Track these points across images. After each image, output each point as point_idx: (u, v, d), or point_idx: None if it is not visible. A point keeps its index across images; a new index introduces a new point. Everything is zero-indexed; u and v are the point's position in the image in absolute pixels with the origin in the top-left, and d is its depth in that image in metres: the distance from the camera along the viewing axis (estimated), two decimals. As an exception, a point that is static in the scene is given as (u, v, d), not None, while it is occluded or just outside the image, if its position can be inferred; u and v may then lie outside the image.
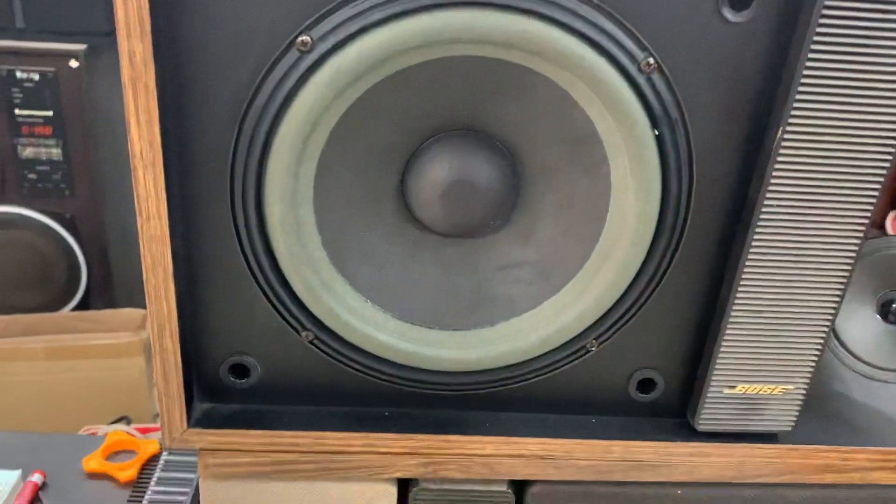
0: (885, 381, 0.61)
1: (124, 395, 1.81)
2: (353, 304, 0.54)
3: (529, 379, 0.58)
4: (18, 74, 1.71)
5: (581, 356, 0.57)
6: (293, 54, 0.46)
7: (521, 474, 0.59)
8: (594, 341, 0.57)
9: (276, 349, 0.56)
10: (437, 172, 0.52)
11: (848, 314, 0.60)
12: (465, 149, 0.52)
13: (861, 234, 0.52)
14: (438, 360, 0.56)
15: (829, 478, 0.61)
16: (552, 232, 0.54)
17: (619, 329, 0.56)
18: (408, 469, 0.58)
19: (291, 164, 0.48)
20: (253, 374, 0.57)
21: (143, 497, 1.02)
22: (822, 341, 0.56)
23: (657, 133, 0.49)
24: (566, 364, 0.58)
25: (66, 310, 1.90)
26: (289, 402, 0.58)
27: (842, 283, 0.54)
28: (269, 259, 0.52)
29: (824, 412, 0.64)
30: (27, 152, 1.79)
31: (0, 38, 1.65)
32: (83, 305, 1.91)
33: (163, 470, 1.08)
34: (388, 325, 0.55)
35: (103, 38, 1.74)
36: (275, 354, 0.56)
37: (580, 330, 0.56)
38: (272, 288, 0.53)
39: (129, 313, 1.90)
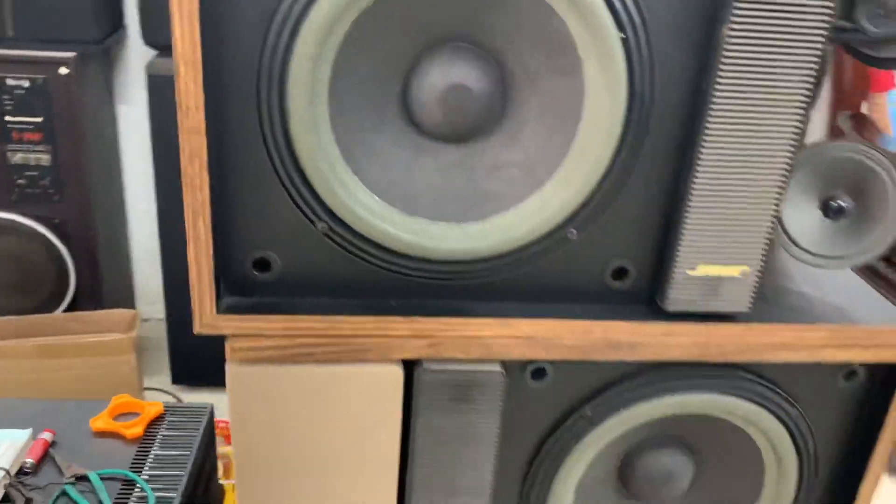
0: (827, 268, 0.70)
1: (116, 392, 1.85)
2: (363, 199, 0.61)
3: (520, 266, 0.66)
4: (9, 82, 1.75)
5: (563, 244, 0.65)
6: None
7: (514, 354, 0.67)
8: (574, 230, 0.65)
9: (294, 244, 0.63)
10: (435, 78, 0.60)
11: (795, 212, 0.69)
12: (458, 58, 0.60)
13: (799, 122, 0.61)
14: (438, 249, 0.63)
15: (783, 355, 0.69)
16: (536, 134, 0.63)
17: (595, 218, 0.64)
18: (413, 350, 0.65)
19: (310, 66, 0.56)
20: (274, 268, 0.64)
21: (149, 452, 1.08)
22: (770, 225, 0.65)
23: (623, 36, 0.58)
24: (551, 252, 0.65)
25: (57, 312, 1.93)
26: (306, 295, 0.65)
27: (784, 172, 0.63)
28: (289, 155, 0.59)
29: (777, 298, 0.72)
30: (17, 158, 1.82)
31: (-8, 46, 1.69)
32: (72, 308, 1.94)
33: (167, 428, 1.13)
34: (394, 217, 0.62)
35: (93, 46, 1.80)
36: (294, 249, 0.63)
37: (562, 219, 0.64)
38: (292, 182, 0.60)
39: (119, 314, 1.94)
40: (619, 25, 0.58)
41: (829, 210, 0.69)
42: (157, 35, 1.67)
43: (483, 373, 0.67)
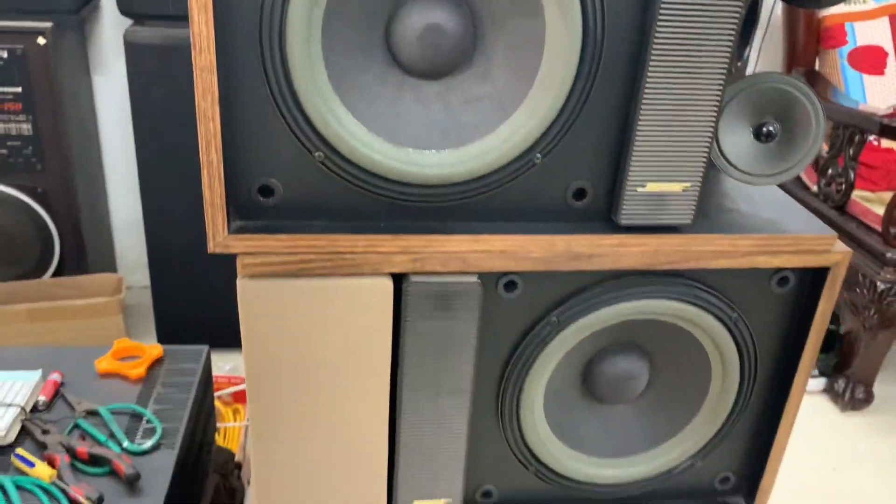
0: (759, 185, 0.80)
1: (105, 351, 1.90)
2: (354, 130, 0.70)
3: (492, 189, 0.75)
4: (-12, 52, 1.77)
5: (529, 168, 0.75)
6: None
7: (488, 267, 0.76)
8: (539, 155, 0.74)
9: (295, 172, 0.72)
10: (413, 20, 0.69)
11: (731, 137, 0.79)
12: (433, 3, 0.69)
13: (728, 55, 0.71)
14: (420, 175, 0.73)
15: (722, 262, 0.80)
16: (504, 69, 0.72)
17: (557, 144, 0.74)
18: (400, 265, 0.75)
19: (306, 11, 0.65)
20: (277, 193, 0.73)
21: (153, 390, 1.16)
22: (707, 147, 0.75)
23: (577, -18, 0.67)
24: (519, 176, 0.75)
25: (44, 279, 1.97)
26: (306, 218, 0.74)
27: (717, 100, 0.73)
28: (289, 92, 0.68)
29: (717, 215, 0.83)
30: (-2, 128, 1.85)
31: (-32, 18, 1.72)
32: (57, 274, 1.99)
33: (167, 368, 1.22)
34: (380, 146, 0.71)
35: (70, 17, 1.84)
36: (294, 177, 0.72)
37: (528, 146, 0.73)
38: (292, 116, 0.69)
39: (105, 278, 2.00)
40: (574, -28, 0.67)
41: (760, 135, 0.79)
42: (132, 4, 1.72)
43: (462, 284, 0.76)
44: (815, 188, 2.21)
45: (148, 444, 1.04)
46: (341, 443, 0.83)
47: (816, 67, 2.32)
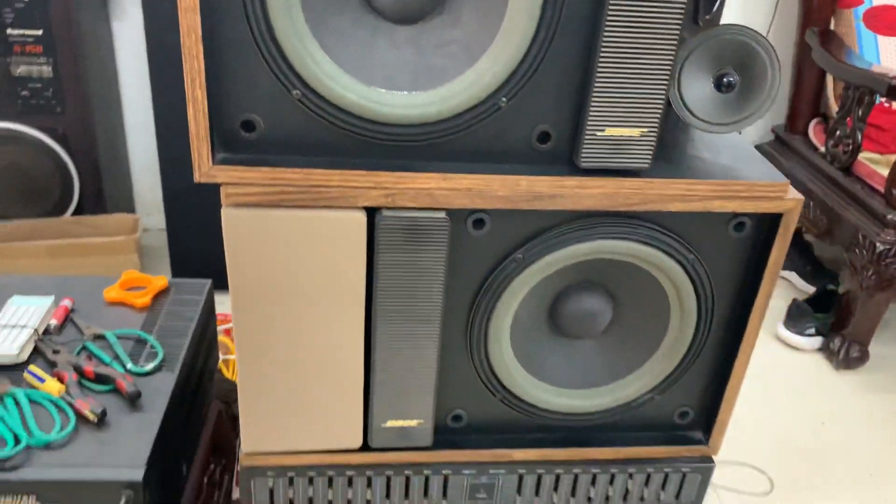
0: (719, 133, 0.84)
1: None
2: (329, 70, 0.75)
3: (460, 130, 0.80)
4: (9, -5, 1.82)
5: (495, 111, 0.79)
6: None
7: (455, 204, 0.82)
8: (504, 99, 0.79)
9: (274, 108, 0.77)
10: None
11: (692, 87, 0.83)
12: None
13: (682, 7, 0.75)
14: (391, 115, 0.78)
15: (679, 205, 0.85)
16: (472, 16, 0.76)
17: (521, 88, 0.78)
18: (372, 199, 0.80)
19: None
20: (258, 129, 0.78)
21: (156, 319, 1.24)
22: (663, 94, 0.79)
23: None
24: (485, 118, 0.80)
25: (63, 217, 2.05)
26: (285, 153, 0.80)
27: (671, 50, 0.77)
28: (269, 33, 0.73)
29: (678, 161, 0.87)
30: (20, 70, 1.91)
31: (-7, -38, 1.77)
32: (77, 214, 2.07)
33: (172, 299, 1.29)
34: (355, 87, 0.76)
35: (89, -38, 1.89)
36: (274, 113, 0.78)
37: (494, 89, 0.78)
38: (272, 55, 0.74)
39: (122, 218, 2.08)
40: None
41: (720, 85, 0.83)
42: (149, -49, 1.76)
43: (430, 218, 0.82)
44: (822, 149, 2.22)
45: (150, 366, 1.12)
46: (321, 366, 0.89)
47: (832, 27, 2.31)
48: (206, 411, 1.33)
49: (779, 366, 2.02)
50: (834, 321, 2.07)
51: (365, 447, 0.96)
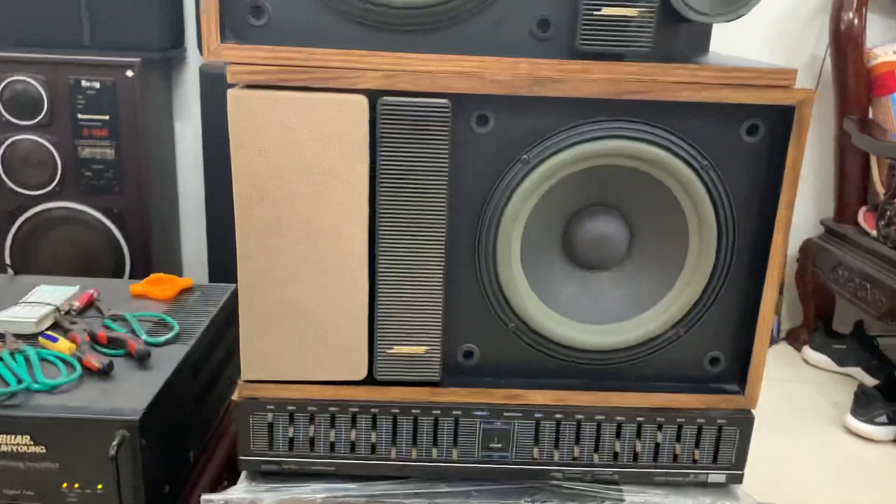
0: (715, 22, 0.84)
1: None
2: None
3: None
4: (83, 83, 2.00)
5: (493, -5, 0.82)
6: None
7: (455, 87, 0.82)
8: (501, -17, 0.82)
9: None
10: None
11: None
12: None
13: None
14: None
15: (686, 94, 0.83)
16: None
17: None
18: (372, 81, 0.82)
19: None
20: (265, 14, 0.82)
21: (178, 308, 1.23)
22: (660, -26, 0.80)
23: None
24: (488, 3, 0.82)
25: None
26: (293, 44, 0.83)
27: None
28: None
29: (677, 58, 0.87)
30: (86, 152, 2.05)
31: (71, 53, 1.96)
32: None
33: (195, 296, 1.29)
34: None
35: (157, 53, 2.07)
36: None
37: (491, -27, 0.81)
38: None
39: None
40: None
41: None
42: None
43: (432, 103, 0.82)
44: (874, 233, 2.19)
45: (163, 338, 1.10)
46: (324, 278, 0.87)
47: (870, 115, 2.33)
48: (223, 411, 1.28)
49: (852, 458, 1.84)
50: (906, 409, 1.92)
51: (370, 381, 0.91)
